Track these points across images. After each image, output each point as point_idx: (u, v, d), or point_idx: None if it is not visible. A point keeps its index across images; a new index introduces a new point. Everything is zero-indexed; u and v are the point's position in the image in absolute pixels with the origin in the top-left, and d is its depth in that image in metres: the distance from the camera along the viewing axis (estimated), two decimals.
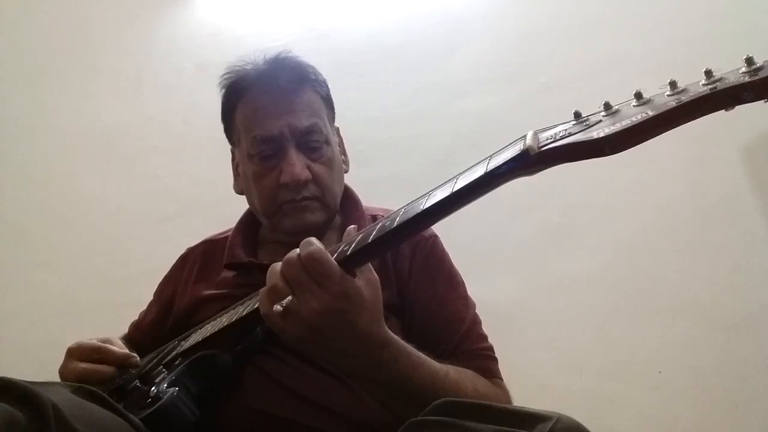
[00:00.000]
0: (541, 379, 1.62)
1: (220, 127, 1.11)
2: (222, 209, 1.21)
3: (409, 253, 0.99)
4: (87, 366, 0.88)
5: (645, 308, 1.69)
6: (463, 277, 1.04)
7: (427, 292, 0.98)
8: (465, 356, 0.92)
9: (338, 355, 0.70)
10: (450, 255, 1.05)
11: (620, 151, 0.53)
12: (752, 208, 1.70)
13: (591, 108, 0.61)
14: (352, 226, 0.75)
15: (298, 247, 0.69)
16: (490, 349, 0.98)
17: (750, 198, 1.71)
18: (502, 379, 0.95)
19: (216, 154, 1.32)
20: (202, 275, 1.09)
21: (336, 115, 1.11)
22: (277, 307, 0.66)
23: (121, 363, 0.90)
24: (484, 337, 0.99)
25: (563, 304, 1.74)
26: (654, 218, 1.76)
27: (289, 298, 0.66)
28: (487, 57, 2.05)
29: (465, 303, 1.01)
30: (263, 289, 0.69)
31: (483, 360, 0.94)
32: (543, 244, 1.82)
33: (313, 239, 0.68)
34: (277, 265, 0.69)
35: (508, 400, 0.92)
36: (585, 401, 1.57)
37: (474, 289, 1.04)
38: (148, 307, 1.18)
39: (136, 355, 0.92)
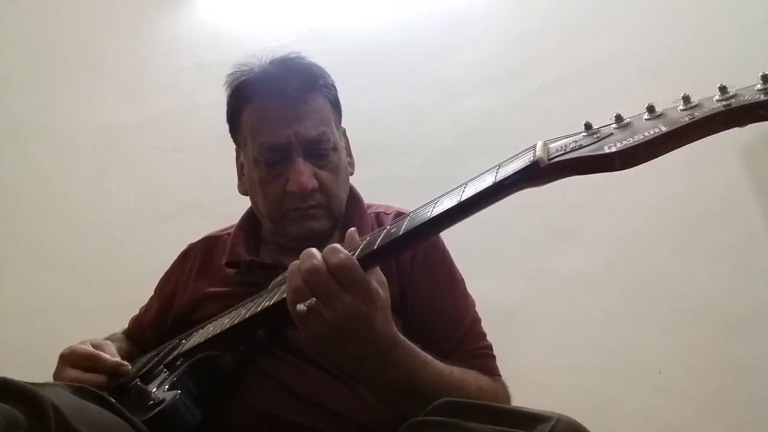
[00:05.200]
0: (541, 379, 1.62)
1: (221, 127, 1.11)
2: (222, 209, 1.21)
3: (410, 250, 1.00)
4: (78, 374, 0.88)
5: (645, 308, 1.69)
6: (463, 277, 1.05)
7: (428, 289, 0.98)
8: (465, 355, 0.93)
9: (351, 357, 0.70)
10: (450, 254, 1.05)
11: (632, 166, 0.52)
12: (752, 208, 1.70)
13: (591, 108, 0.60)
14: (353, 228, 0.75)
15: (301, 250, 0.69)
16: (489, 347, 0.99)
17: (750, 198, 1.71)
18: (501, 376, 0.96)
19: (216, 154, 1.32)
20: (203, 272, 1.09)
21: None
22: (301, 307, 0.66)
23: (111, 372, 0.89)
24: (484, 336, 1.00)
25: (563, 304, 1.74)
26: (654, 218, 1.76)
27: (313, 299, 0.66)
28: (487, 57, 2.05)
29: (465, 301, 1.01)
30: (286, 285, 0.70)
31: (483, 359, 0.95)
32: (543, 244, 1.82)
33: (338, 245, 0.68)
34: (296, 264, 0.68)
35: (508, 396, 0.93)
36: (585, 401, 1.57)
37: (474, 289, 1.04)
38: (148, 302, 1.18)
39: (127, 363, 0.91)
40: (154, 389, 0.80)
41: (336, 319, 0.65)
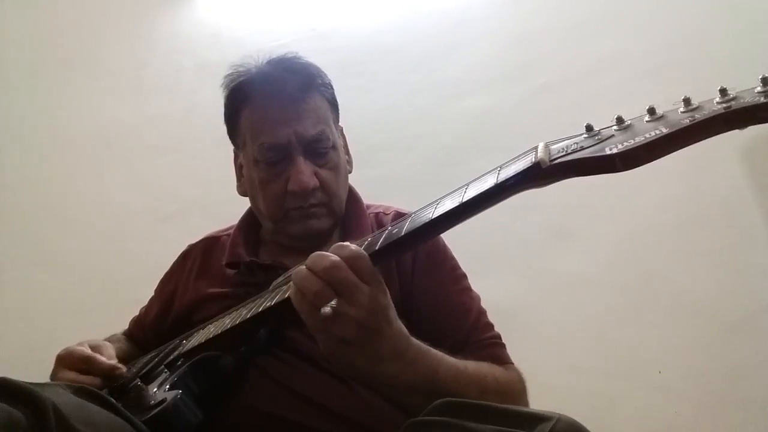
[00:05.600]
0: (541, 379, 1.61)
1: (221, 127, 1.11)
2: (222, 209, 1.21)
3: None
4: (74, 376, 0.88)
5: (645, 308, 1.69)
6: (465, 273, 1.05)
7: (432, 287, 0.98)
8: (476, 347, 0.93)
9: (374, 360, 0.69)
10: (451, 251, 1.05)
11: (633, 168, 0.52)
12: (752, 208, 1.70)
13: (591, 108, 0.61)
14: (346, 243, 0.75)
15: (302, 250, 0.69)
16: (498, 337, 0.99)
17: (750, 198, 1.71)
18: (513, 363, 0.96)
19: (216, 154, 1.32)
20: (203, 272, 1.09)
21: None
22: (326, 310, 0.65)
23: (106, 374, 0.89)
24: (491, 326, 1.00)
25: (563, 304, 1.74)
26: (654, 218, 1.76)
27: (334, 302, 0.65)
28: (487, 57, 2.05)
29: (470, 295, 1.01)
30: (298, 295, 0.67)
31: (493, 348, 0.95)
32: (543, 244, 1.82)
33: (346, 242, 0.68)
34: (303, 270, 0.67)
35: (523, 382, 0.94)
36: (585, 401, 1.57)
37: (474, 289, 1.04)
38: (149, 303, 1.18)
39: (122, 366, 0.91)
40: (155, 389, 0.80)
41: (361, 316, 0.65)
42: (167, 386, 0.79)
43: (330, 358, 0.69)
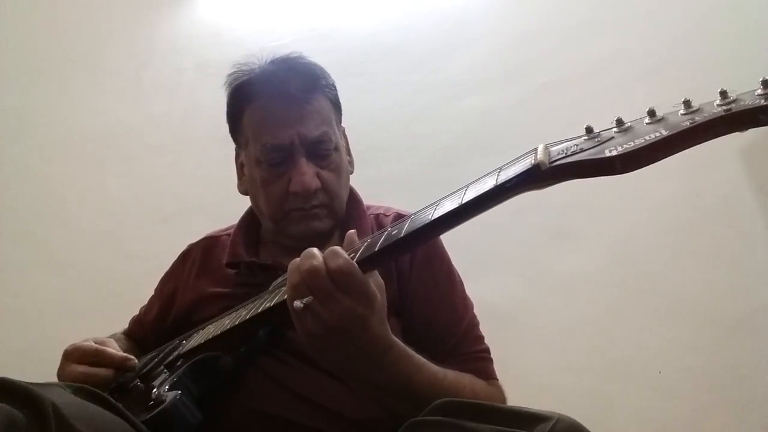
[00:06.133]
0: (541, 379, 1.62)
1: (221, 126, 1.11)
2: (222, 209, 1.21)
3: None
4: (85, 369, 0.88)
5: (645, 308, 1.69)
6: (463, 277, 1.05)
7: (427, 291, 0.98)
8: (462, 358, 0.93)
9: (346, 358, 0.70)
10: (450, 254, 1.05)
11: (633, 170, 0.52)
12: (752, 208, 1.70)
13: (591, 108, 0.61)
14: (352, 230, 0.76)
15: (302, 250, 0.69)
16: (486, 351, 0.99)
17: (750, 198, 1.71)
18: (497, 380, 0.97)
19: (216, 154, 1.32)
20: (204, 272, 1.09)
21: None
22: (298, 304, 0.67)
23: (118, 366, 0.89)
24: (481, 339, 1.00)
25: (563, 304, 1.74)
26: (654, 218, 1.76)
27: (310, 298, 0.67)
28: (487, 57, 2.05)
29: (464, 303, 1.01)
30: (288, 282, 0.70)
31: (480, 362, 0.96)
32: (543, 244, 1.82)
33: (339, 249, 0.68)
34: (297, 262, 0.69)
35: (504, 400, 0.94)
36: (585, 401, 1.57)
37: (474, 289, 1.04)
38: (149, 302, 1.18)
39: (133, 357, 0.92)
40: (155, 389, 0.80)
41: (331, 319, 0.66)
42: (167, 386, 0.80)
43: (304, 344, 0.71)
